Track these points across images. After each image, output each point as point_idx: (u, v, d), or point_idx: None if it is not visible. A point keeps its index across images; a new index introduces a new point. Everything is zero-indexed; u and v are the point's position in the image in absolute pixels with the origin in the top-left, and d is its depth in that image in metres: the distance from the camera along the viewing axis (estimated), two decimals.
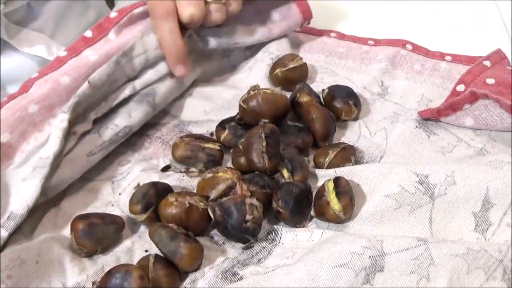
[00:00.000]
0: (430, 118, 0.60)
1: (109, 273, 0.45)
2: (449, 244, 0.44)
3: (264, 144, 0.52)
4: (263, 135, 0.53)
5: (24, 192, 0.50)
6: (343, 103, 0.61)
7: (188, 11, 0.59)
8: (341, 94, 0.61)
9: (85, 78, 0.57)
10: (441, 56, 0.70)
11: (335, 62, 0.72)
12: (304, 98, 0.60)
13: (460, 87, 0.61)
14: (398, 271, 0.44)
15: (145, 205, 0.50)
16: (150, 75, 0.62)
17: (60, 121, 0.54)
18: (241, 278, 0.47)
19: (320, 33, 0.76)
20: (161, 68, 0.63)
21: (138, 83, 0.61)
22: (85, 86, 0.56)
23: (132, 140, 0.61)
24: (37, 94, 0.56)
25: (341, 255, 0.45)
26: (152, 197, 0.51)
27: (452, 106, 0.57)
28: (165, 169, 0.58)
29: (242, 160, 0.55)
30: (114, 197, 0.56)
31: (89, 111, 0.58)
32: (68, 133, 0.55)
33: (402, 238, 0.45)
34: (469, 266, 0.43)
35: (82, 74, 0.58)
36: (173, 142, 0.58)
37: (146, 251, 0.50)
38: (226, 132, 0.58)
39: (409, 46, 0.71)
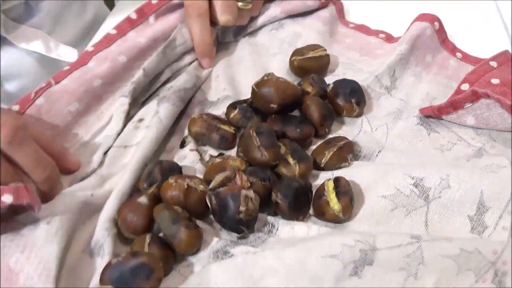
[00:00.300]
0: (431, 115, 0.59)
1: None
2: (442, 243, 0.44)
3: (258, 139, 0.53)
4: (254, 134, 0.53)
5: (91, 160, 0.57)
6: (345, 101, 0.60)
7: (225, 17, 0.66)
8: (344, 91, 0.60)
9: (137, 59, 0.65)
10: (453, 51, 0.69)
11: (366, 60, 0.71)
12: (307, 88, 0.61)
13: (465, 86, 0.60)
14: (387, 267, 0.43)
15: (149, 183, 0.52)
16: (187, 59, 0.69)
17: (121, 104, 0.61)
18: (231, 256, 0.47)
19: (371, 33, 0.75)
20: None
21: (175, 66, 0.68)
22: (140, 73, 0.62)
23: None
24: (100, 70, 0.62)
25: (332, 245, 0.44)
26: (156, 174, 0.52)
27: (453, 104, 0.57)
28: (182, 144, 0.59)
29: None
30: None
31: (140, 96, 0.64)
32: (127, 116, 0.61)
33: (395, 234, 0.45)
34: (459, 268, 0.43)
35: (135, 55, 0.65)
36: (192, 116, 0.60)
37: None
38: (236, 111, 0.59)
39: (436, 25, 0.68)
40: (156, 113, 0.59)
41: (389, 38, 0.74)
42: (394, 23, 0.75)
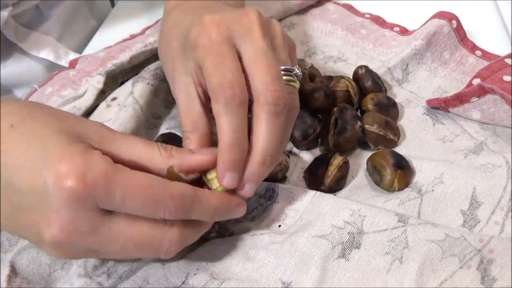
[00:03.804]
0: (437, 107, 0.58)
1: None
2: (428, 228, 0.43)
3: None
4: None
5: None
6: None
7: None
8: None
9: (116, 52, 0.65)
10: (472, 49, 0.67)
11: (378, 50, 0.70)
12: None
13: (476, 81, 0.58)
14: (374, 251, 0.43)
15: None
16: None
17: (97, 82, 0.61)
18: (232, 233, 0.47)
19: (386, 25, 0.74)
20: None
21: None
22: (125, 59, 0.63)
23: (168, 98, 0.63)
24: (78, 67, 0.64)
25: (322, 226, 0.44)
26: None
27: (460, 97, 0.55)
28: None
29: None
30: None
31: (119, 76, 0.65)
32: (101, 93, 0.61)
33: (383, 217, 0.44)
34: (443, 252, 0.41)
35: (114, 50, 0.65)
36: None
37: None
38: None
39: (454, 23, 0.67)
40: (131, 94, 0.59)
41: (403, 32, 0.72)
42: (392, 21, 0.75)
